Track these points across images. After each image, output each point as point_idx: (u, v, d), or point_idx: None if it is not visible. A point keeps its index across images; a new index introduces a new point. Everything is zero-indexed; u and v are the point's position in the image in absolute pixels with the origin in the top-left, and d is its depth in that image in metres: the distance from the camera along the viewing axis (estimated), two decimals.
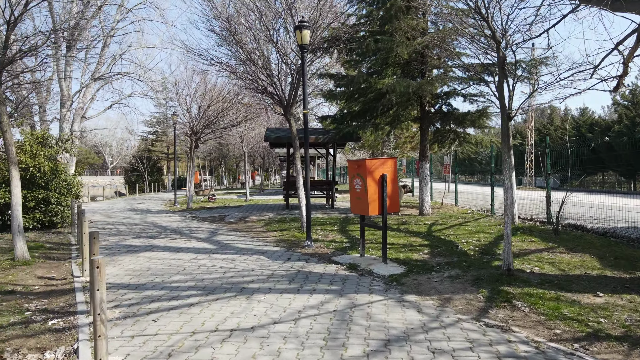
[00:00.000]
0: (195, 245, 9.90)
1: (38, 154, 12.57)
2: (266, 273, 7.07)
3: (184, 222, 14.59)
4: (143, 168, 42.79)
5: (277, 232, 11.56)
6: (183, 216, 16.44)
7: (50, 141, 13.53)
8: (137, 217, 16.28)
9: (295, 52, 10.76)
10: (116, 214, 17.86)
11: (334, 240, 10.09)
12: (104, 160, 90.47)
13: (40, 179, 12.56)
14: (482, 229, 10.70)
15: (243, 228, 12.75)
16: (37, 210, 12.67)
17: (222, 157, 45.76)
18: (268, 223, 13.49)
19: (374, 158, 7.64)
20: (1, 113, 8.47)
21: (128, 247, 9.72)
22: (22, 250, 8.42)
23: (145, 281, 6.70)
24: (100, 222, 14.97)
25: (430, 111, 14.85)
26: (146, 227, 13.23)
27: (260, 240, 10.47)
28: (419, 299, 5.58)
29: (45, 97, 21.82)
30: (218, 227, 12.99)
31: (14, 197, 8.44)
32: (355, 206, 7.90)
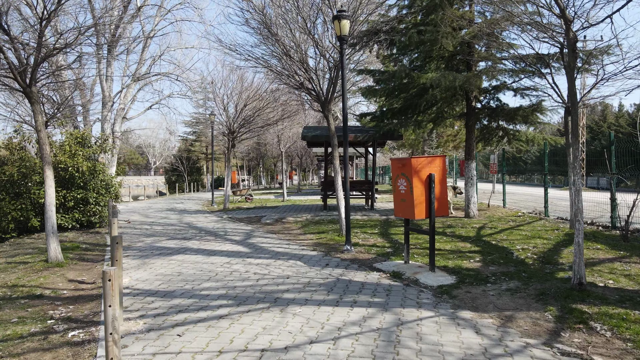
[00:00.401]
0: (229, 248, 9.50)
1: (77, 154, 12.58)
2: (302, 281, 6.54)
3: (219, 223, 14.32)
4: (183, 168, 43.42)
5: (314, 235, 11.03)
6: (219, 217, 16.21)
7: (89, 141, 13.55)
8: (174, 218, 16.17)
9: (333, 45, 10.19)
10: (154, 213, 17.88)
11: (375, 244, 9.45)
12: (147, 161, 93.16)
13: (79, 179, 12.56)
14: (538, 234, 9.77)
15: (279, 230, 12.30)
16: (76, 210, 12.68)
17: (260, 157, 45.81)
18: (305, 225, 12.99)
19: (420, 156, 6.96)
20: (35, 112, 8.34)
21: (161, 250, 9.43)
22: (56, 252, 8.26)
23: (174, 287, 6.31)
24: (138, 222, 14.93)
25: (476, 107, 13.93)
26: (182, 228, 13.01)
27: (297, 243, 9.97)
28: (475, 316, 4.89)
29: (89, 99, 22.26)
30: (254, 229, 12.60)
31: (48, 198, 8.28)
32: (399, 208, 7.25)
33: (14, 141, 12.83)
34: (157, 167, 70.98)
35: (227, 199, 19.25)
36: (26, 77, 8.19)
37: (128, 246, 10.01)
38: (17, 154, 12.58)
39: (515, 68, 12.46)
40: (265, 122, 18.29)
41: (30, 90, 8.24)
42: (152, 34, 23.13)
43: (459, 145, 30.89)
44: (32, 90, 8.26)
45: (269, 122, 18.27)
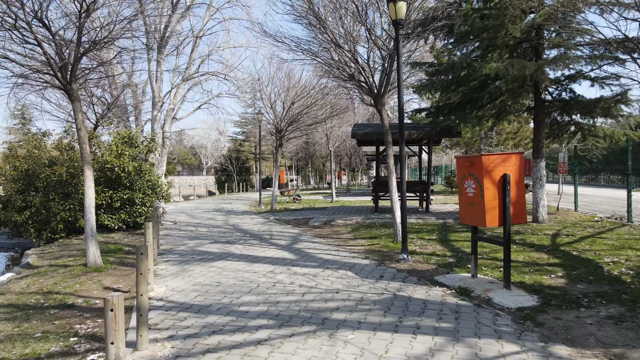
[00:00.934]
0: (274, 254, 8.82)
1: (123, 154, 12.40)
2: (354, 297, 5.71)
3: (265, 225, 13.75)
4: (232, 168, 43.72)
5: (366, 240, 10.16)
6: (266, 218, 15.67)
7: (136, 141, 13.38)
8: (220, 219, 15.80)
9: (387, 33, 9.27)
10: (201, 214, 17.64)
11: (434, 253, 8.46)
12: (199, 161, 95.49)
13: (125, 179, 12.37)
14: (628, 244, 8.41)
15: (328, 234, 11.54)
16: (123, 210, 12.50)
17: (309, 156, 45.36)
18: (355, 228, 12.15)
19: (492, 153, 5.94)
20: (75, 110, 8.02)
21: (203, 254, 8.90)
22: (95, 256, 7.90)
23: (211, 301, 5.66)
24: (184, 223, 14.65)
25: (546, 100, 12.54)
26: (226, 230, 12.53)
27: (347, 249, 9.15)
28: (574, 354, 3.87)
29: (141, 99, 22.52)
30: (301, 232, 11.90)
31: (87, 199, 7.94)
32: (466, 214, 6.26)
33: (64, 141, 12.85)
34: (209, 167, 72.43)
35: (274, 199, 18.74)
36: (66, 74, 7.89)
37: (170, 250, 9.58)
38: (67, 154, 12.56)
39: (594, 54, 11.03)
40: (314, 120, 17.60)
41: (70, 87, 7.93)
42: (201, 34, 23.10)
43: (519, 143, 28.92)
44: (72, 87, 7.94)
45: (317, 120, 17.57)
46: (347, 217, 14.47)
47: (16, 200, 11.99)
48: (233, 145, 52.49)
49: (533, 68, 10.24)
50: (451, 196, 24.20)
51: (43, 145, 12.77)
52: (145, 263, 4.25)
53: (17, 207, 11.92)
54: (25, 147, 12.97)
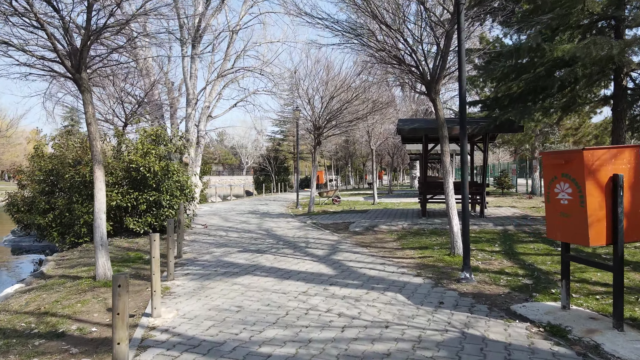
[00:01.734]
0: (309, 267, 7.59)
1: (149, 153, 11.53)
2: (409, 335, 4.38)
3: (301, 230, 12.56)
4: (270, 168, 42.99)
5: (415, 251, 8.76)
6: (303, 222, 14.49)
7: (163, 139, 12.50)
8: (254, 222, 14.76)
9: (443, 6, 7.84)
10: (235, 216, 16.69)
11: (502, 270, 6.97)
12: (240, 161, 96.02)
13: (152, 180, 11.49)
14: None
15: (371, 242, 10.20)
16: (149, 213, 11.64)
17: (349, 156, 44.01)
18: (402, 236, 10.75)
19: (597, 147, 4.43)
20: (85, 102, 7.08)
21: (228, 266, 7.78)
22: (104, 268, 6.93)
23: (226, 335, 4.48)
24: (215, 226, 13.69)
25: (628, 87, 10.70)
26: (258, 236, 11.43)
27: (394, 262, 7.79)
28: None
29: (177, 97, 21.91)
30: (340, 239, 10.63)
31: (97, 203, 6.99)
32: (558, 228, 4.78)
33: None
34: (249, 167, 72.44)
35: (312, 201, 17.56)
36: (75, 61, 6.96)
37: (193, 260, 8.53)
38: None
39: None
40: (354, 116, 16.27)
41: (80, 76, 7.00)
42: (238, 28, 22.26)
43: (579, 140, 26.49)
44: (81, 76, 7.00)
45: (357, 116, 16.22)
46: (391, 221, 13.06)
47: (40, 202, 11.35)
48: (271, 145, 51.85)
49: (619, 47, 8.53)
50: (503, 198, 22.25)
51: (70, 145, 12.10)
52: (124, 299, 3.10)
53: (41, 209, 11.28)
54: (54, 146, 12.37)
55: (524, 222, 12.06)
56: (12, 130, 43.93)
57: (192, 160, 20.31)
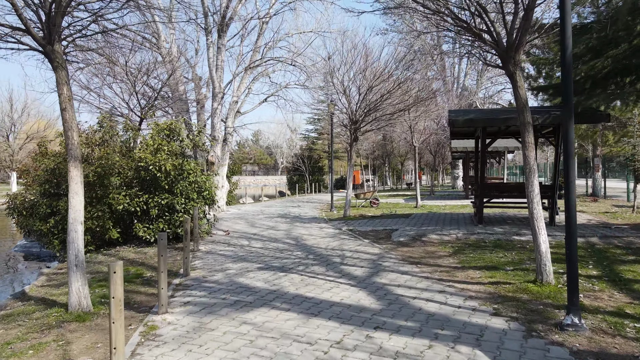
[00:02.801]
0: (345, 295, 5.79)
1: (160, 150, 10.04)
2: None
3: (336, 239, 10.77)
4: (304, 167, 41.37)
5: (481, 273, 6.81)
6: (337, 228, 12.70)
7: (178, 134, 10.98)
8: (283, 228, 13.08)
9: None
10: (262, 221, 15.08)
11: (619, 309, 4.94)
12: (275, 161, 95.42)
13: (164, 181, 10.00)
14: None
15: (421, 257, 8.30)
16: (161, 219, 10.15)
17: (386, 155, 41.86)
18: (459, 249, 8.79)
19: None
20: (59, 82, 5.54)
21: (241, 292, 6.08)
22: (79, 296, 5.36)
23: None
24: (238, 232, 12.10)
25: None
26: (285, 247, 9.72)
27: (458, 290, 5.89)
28: None
29: (205, 94, 20.57)
30: (382, 253, 8.77)
31: (72, 211, 5.42)
32: None
33: (96, 136, 10.77)
34: (285, 167, 71.22)
35: (348, 204, 15.73)
36: (46, 31, 5.44)
37: (201, 279, 6.90)
38: (100, 150, 10.46)
39: None
40: (395, 108, 14.30)
41: (52, 48, 5.47)
42: (267, 18, 20.72)
43: None
44: (53, 49, 5.48)
45: (399, 108, 14.24)
46: (441, 229, 11.07)
47: (41, 205, 10.05)
48: (305, 144, 50.29)
49: None
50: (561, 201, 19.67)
51: None
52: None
53: (42, 213, 9.97)
54: (61, 142, 11.09)
55: (609, 232, 9.83)
56: (49, 130, 44.13)
57: (219, 158, 18.89)
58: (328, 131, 41.48)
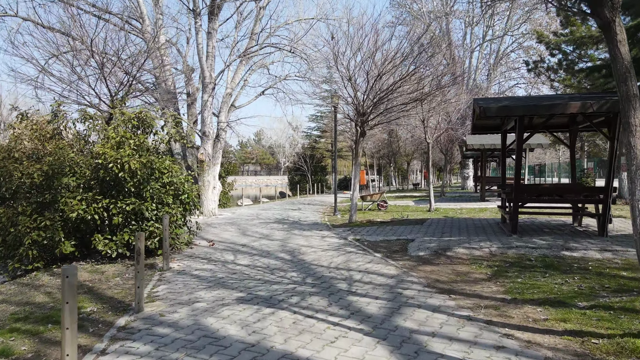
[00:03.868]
0: (356, 354, 3.87)
1: (124, 143, 8.15)
2: None
3: (341, 252, 8.86)
4: (306, 167, 39.43)
5: (545, 311, 4.88)
6: (342, 237, 10.80)
7: (150, 124, 9.05)
8: (278, 237, 11.18)
9: None
10: (256, 228, 13.18)
11: None
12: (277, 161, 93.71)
13: (130, 182, 8.11)
14: None
15: (451, 280, 6.40)
16: (127, 229, 8.25)
17: (392, 154, 39.90)
18: (499, 270, 6.86)
19: None
20: None
21: (202, 349, 4.14)
22: None
23: None
24: (225, 243, 10.21)
25: None
26: (277, 265, 7.82)
27: (523, 345, 3.98)
28: None
29: (197, 87, 18.66)
30: (400, 274, 6.87)
31: None
32: None
33: (48, 127, 8.87)
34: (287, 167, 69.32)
35: (354, 208, 13.80)
36: None
37: (159, 316, 5.00)
38: (51, 145, 8.57)
39: None
40: (410, 97, 12.33)
41: None
42: (265, 3, 18.81)
43: None
44: None
45: (415, 96, 12.27)
46: (468, 240, 9.14)
47: None
48: (307, 142, 48.30)
49: None
50: None
51: (23, 132, 8.89)
52: None
53: None
54: (10, 137, 9.23)
55: None
56: None
57: (209, 156, 17.00)
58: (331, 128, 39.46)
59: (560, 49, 24.11)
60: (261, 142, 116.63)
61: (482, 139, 20.03)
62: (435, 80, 12.51)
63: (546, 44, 24.51)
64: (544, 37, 23.80)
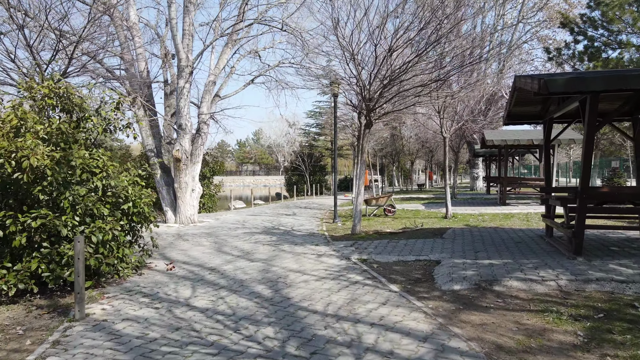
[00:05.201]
0: None
1: (24, 130, 5.63)
2: None
3: (342, 284, 6.34)
4: (304, 166, 36.82)
5: None
6: (344, 257, 8.29)
7: (76, 104, 6.49)
8: (262, 255, 8.67)
9: None
10: (237, 241, 10.67)
11: None
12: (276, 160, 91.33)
13: (37, 187, 5.59)
14: None
15: (520, 345, 3.89)
16: (37, 253, 5.72)
17: (396, 152, 37.36)
18: (596, 327, 4.34)
19: None
20: None
21: None
22: None
23: None
24: (189, 265, 7.70)
25: None
26: (248, 312, 5.29)
27: None
28: None
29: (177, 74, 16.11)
30: (435, 330, 4.36)
31: None
32: None
33: None
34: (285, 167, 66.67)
35: (358, 217, 11.26)
36: None
37: None
38: None
39: None
40: (430, 77, 9.78)
41: None
42: None
43: None
44: None
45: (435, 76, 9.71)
46: (516, 263, 6.62)
47: None
48: (306, 140, 45.64)
49: None
50: None
51: None
52: None
53: None
54: None
55: None
56: None
57: (187, 153, 14.46)
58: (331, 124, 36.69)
59: (586, 34, 21.66)
60: (260, 142, 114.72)
61: (504, 134, 17.50)
62: (460, 57, 9.97)
63: (570, 29, 22.05)
64: (569, 20, 21.29)
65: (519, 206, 17.47)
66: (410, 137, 38.90)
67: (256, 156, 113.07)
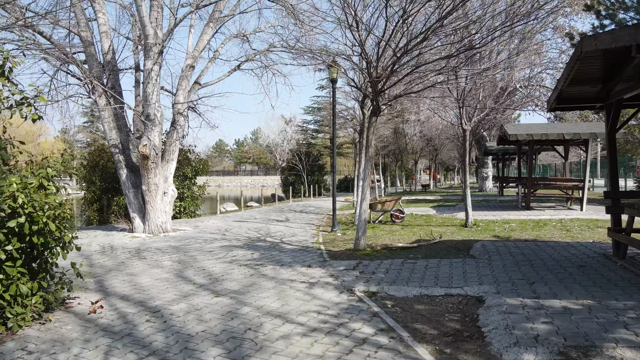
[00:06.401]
0: None
1: None
2: None
3: (342, 342, 4.07)
4: (301, 166, 34.48)
5: None
6: (345, 288, 6.02)
7: None
8: (233, 284, 6.39)
9: None
10: (208, 260, 8.38)
11: None
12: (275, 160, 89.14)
13: None
14: None
15: None
16: None
17: (399, 151, 35.06)
18: None
19: None
20: None
21: None
22: None
23: None
24: (124, 303, 5.42)
25: None
26: None
27: None
28: None
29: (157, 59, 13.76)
30: None
31: None
32: None
33: None
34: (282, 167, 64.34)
35: (362, 228, 8.94)
36: None
37: None
38: None
39: None
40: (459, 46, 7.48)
41: None
42: None
43: None
44: None
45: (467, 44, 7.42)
46: (603, 307, 4.35)
47: None
48: (303, 138, 43.25)
49: None
50: None
51: None
52: None
53: None
54: None
55: None
56: None
57: (156, 149, 12.13)
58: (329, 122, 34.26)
59: (614, 18, 19.43)
60: (258, 141, 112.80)
61: (528, 128, 15.22)
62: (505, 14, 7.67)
63: (597, 13, 19.81)
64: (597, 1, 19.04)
65: (546, 210, 15.18)
66: (414, 134, 36.65)
67: (254, 156, 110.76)
